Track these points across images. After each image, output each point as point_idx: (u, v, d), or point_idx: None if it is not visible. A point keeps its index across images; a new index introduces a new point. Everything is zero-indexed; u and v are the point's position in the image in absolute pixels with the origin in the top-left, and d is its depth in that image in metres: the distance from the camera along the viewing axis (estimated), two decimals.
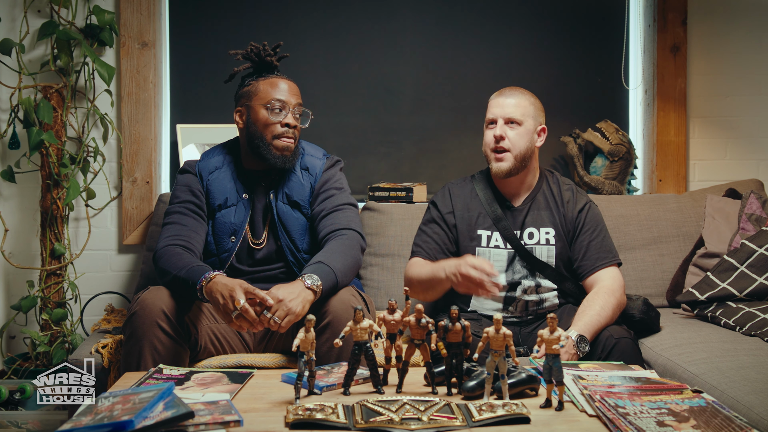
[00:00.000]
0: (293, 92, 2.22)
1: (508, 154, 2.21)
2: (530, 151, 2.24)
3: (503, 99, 2.24)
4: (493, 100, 2.27)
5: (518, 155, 2.22)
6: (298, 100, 2.23)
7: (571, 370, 1.71)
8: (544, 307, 2.24)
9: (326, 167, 2.30)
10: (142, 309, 1.93)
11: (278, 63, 2.27)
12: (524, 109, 2.22)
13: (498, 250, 2.23)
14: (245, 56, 2.25)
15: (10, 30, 2.82)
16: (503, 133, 2.21)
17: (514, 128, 2.22)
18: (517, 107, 2.22)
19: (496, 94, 2.28)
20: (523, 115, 2.22)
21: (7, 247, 2.81)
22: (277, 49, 2.26)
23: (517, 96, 2.24)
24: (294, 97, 2.22)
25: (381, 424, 1.41)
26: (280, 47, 2.27)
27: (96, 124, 2.86)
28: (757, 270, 2.37)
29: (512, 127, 2.22)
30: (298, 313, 1.88)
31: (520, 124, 2.22)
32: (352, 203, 2.27)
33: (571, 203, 2.28)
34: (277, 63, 2.26)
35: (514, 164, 2.22)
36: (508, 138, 2.21)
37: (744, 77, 3.13)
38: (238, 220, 2.20)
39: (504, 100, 2.24)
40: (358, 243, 2.16)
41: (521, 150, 2.22)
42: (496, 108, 2.24)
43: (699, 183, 3.12)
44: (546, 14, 3.13)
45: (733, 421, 1.42)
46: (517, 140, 2.21)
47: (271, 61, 2.24)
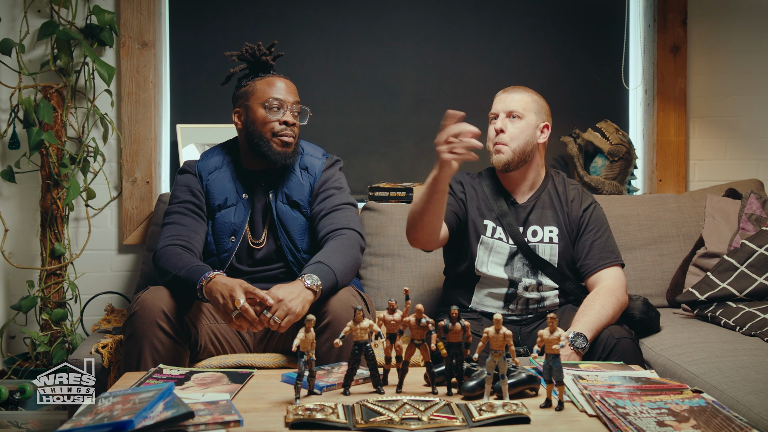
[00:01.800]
0: (290, 90, 2.23)
1: (507, 147, 2.23)
2: (530, 145, 2.25)
3: (506, 95, 2.28)
4: (497, 97, 2.30)
5: (517, 148, 2.23)
6: (296, 98, 2.23)
7: (571, 370, 1.71)
8: (544, 306, 2.24)
9: (326, 167, 2.30)
10: (142, 309, 1.93)
11: (274, 62, 2.27)
12: (526, 104, 2.25)
13: (501, 242, 2.24)
14: (240, 57, 2.25)
15: (10, 30, 2.82)
16: (503, 126, 2.24)
17: (515, 122, 2.24)
18: (519, 102, 2.25)
19: (501, 91, 2.31)
20: (524, 109, 2.25)
21: (7, 247, 2.81)
22: (272, 48, 2.26)
23: (521, 92, 2.28)
24: (291, 95, 2.22)
25: (381, 424, 1.41)
26: (275, 46, 2.27)
27: (96, 124, 2.86)
28: (757, 270, 2.37)
29: (513, 121, 2.24)
30: (298, 313, 1.88)
31: (521, 118, 2.24)
32: (351, 203, 2.27)
33: (576, 202, 2.29)
34: (273, 62, 2.26)
35: (512, 157, 2.23)
36: (508, 131, 2.24)
37: (744, 77, 3.13)
38: (238, 220, 2.20)
39: (507, 95, 2.28)
40: (358, 242, 2.16)
41: (520, 143, 2.23)
42: (499, 103, 2.28)
43: (699, 183, 3.12)
44: (546, 14, 3.14)
45: (733, 421, 1.42)
46: (516, 133, 2.23)
47: (267, 60, 2.24)
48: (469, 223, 2.27)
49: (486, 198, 2.30)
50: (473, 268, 2.25)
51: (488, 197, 2.29)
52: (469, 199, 2.30)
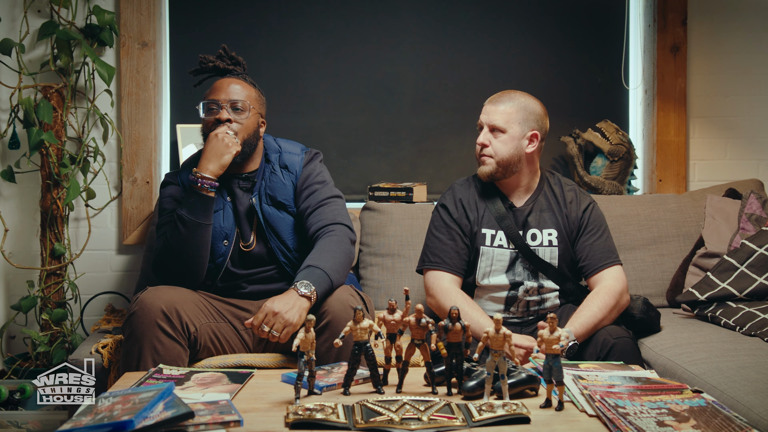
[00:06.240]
0: (226, 90, 2.18)
1: (491, 159, 2.22)
2: (516, 157, 2.22)
3: (491, 106, 2.24)
4: (484, 106, 2.27)
5: (501, 161, 2.22)
6: (232, 97, 2.18)
7: (571, 370, 1.71)
8: (545, 307, 2.24)
9: (305, 162, 2.27)
10: (142, 309, 1.93)
11: (232, 66, 2.25)
12: (509, 116, 2.21)
13: (501, 249, 2.23)
14: (198, 71, 2.26)
15: (10, 30, 2.82)
16: (486, 141, 2.23)
17: (498, 136, 2.22)
18: (502, 114, 2.21)
19: (489, 99, 2.27)
20: (507, 122, 2.21)
21: (7, 247, 2.81)
22: (232, 53, 2.26)
23: (506, 102, 2.23)
24: (226, 94, 2.18)
25: (381, 424, 1.41)
26: (235, 52, 2.27)
27: (96, 124, 2.86)
28: (757, 270, 2.37)
29: (496, 135, 2.22)
30: (296, 324, 1.89)
31: (504, 132, 2.21)
32: (336, 195, 2.25)
33: (574, 203, 2.28)
34: (231, 66, 2.25)
35: (496, 168, 2.22)
36: (492, 145, 2.22)
37: (744, 77, 3.13)
38: (228, 224, 2.19)
39: (492, 107, 2.24)
40: (347, 237, 2.15)
41: (504, 157, 2.21)
42: (484, 115, 2.25)
43: (699, 183, 3.12)
44: (546, 14, 3.13)
45: (733, 421, 1.42)
46: (499, 147, 2.21)
47: (216, 65, 2.24)
48: (470, 241, 2.26)
49: (483, 202, 2.27)
50: (475, 280, 2.25)
51: (485, 201, 2.27)
52: (469, 218, 2.26)
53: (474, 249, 2.24)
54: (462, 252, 2.23)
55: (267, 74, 2.96)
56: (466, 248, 2.24)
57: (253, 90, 2.23)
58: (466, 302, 2.14)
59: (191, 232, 2.07)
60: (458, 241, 2.24)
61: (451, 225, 2.25)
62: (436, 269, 2.22)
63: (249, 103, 2.19)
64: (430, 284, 2.22)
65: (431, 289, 2.21)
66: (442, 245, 2.24)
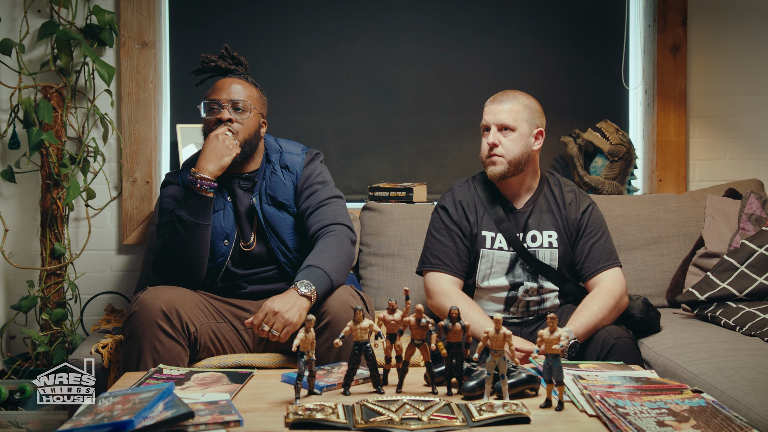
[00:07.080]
0: (228, 90, 2.18)
1: (502, 158, 2.20)
2: (525, 155, 2.21)
3: (496, 105, 2.22)
4: (487, 107, 2.24)
5: (512, 160, 2.20)
6: (234, 97, 2.18)
7: (571, 370, 1.71)
8: (545, 308, 2.24)
9: (306, 162, 2.27)
10: (142, 309, 1.93)
11: (234, 66, 2.25)
12: (517, 114, 2.20)
13: (501, 252, 2.22)
14: (200, 71, 2.25)
15: (10, 30, 2.82)
16: (496, 140, 2.20)
17: (508, 134, 2.20)
18: (509, 113, 2.20)
19: (490, 99, 2.25)
20: (515, 120, 2.19)
21: (7, 247, 2.81)
22: (234, 53, 2.26)
23: (510, 101, 2.22)
24: (227, 94, 2.18)
25: (381, 424, 1.41)
26: (237, 50, 2.27)
27: (96, 124, 2.86)
28: (757, 270, 2.37)
29: (505, 134, 2.20)
30: (296, 323, 1.89)
31: (514, 130, 2.20)
32: (337, 195, 2.24)
33: (574, 205, 2.28)
34: (233, 66, 2.25)
35: (507, 168, 2.21)
36: (502, 144, 2.20)
37: (744, 77, 3.13)
38: (228, 223, 2.19)
39: (497, 106, 2.22)
40: (348, 237, 2.15)
41: (515, 155, 2.20)
42: (489, 115, 2.22)
43: (699, 183, 3.12)
44: (546, 14, 3.13)
45: (733, 421, 1.42)
46: (510, 146, 2.20)
47: (218, 64, 2.23)
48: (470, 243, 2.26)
49: (482, 205, 2.26)
50: (475, 282, 2.25)
51: (485, 204, 2.27)
52: (469, 215, 2.26)
53: (474, 251, 2.24)
54: (462, 254, 2.23)
55: (267, 74, 2.96)
56: (466, 250, 2.24)
57: (255, 90, 2.23)
58: (467, 303, 2.14)
59: (190, 233, 2.07)
60: (458, 243, 2.24)
61: (451, 227, 2.25)
62: (436, 271, 2.22)
63: (250, 103, 2.19)
64: (430, 286, 2.22)
65: (431, 291, 2.21)
66: (442, 247, 2.24)
